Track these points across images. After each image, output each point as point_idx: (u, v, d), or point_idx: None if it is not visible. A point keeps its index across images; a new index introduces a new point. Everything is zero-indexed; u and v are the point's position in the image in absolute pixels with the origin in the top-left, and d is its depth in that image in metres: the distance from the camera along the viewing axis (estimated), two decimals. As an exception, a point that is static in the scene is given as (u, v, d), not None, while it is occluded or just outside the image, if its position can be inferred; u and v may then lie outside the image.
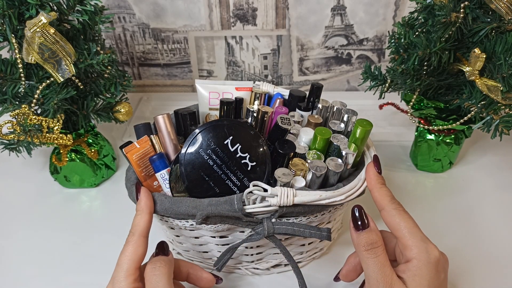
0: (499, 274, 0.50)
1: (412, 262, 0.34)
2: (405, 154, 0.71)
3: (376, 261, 0.34)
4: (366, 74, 0.59)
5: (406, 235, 0.35)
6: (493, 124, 0.53)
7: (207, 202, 0.41)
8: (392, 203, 0.37)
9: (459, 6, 0.50)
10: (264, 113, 0.48)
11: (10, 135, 0.51)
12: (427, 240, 0.35)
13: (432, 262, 0.34)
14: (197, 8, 0.79)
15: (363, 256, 0.35)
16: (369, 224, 0.36)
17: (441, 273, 0.35)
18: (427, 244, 0.35)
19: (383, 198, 0.38)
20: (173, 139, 0.49)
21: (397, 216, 0.36)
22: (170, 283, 0.36)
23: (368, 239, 0.35)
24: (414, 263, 0.34)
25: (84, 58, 0.52)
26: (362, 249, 0.35)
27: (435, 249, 0.35)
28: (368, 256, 0.35)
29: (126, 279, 0.35)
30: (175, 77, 0.90)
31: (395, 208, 0.37)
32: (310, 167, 0.42)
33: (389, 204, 0.37)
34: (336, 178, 0.43)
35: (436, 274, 0.34)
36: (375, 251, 0.35)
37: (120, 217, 0.56)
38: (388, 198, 0.38)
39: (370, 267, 0.34)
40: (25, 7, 0.48)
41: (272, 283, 0.50)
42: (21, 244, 0.56)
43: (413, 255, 0.34)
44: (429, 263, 0.34)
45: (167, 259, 0.38)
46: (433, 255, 0.34)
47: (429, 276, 0.33)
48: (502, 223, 0.57)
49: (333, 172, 0.42)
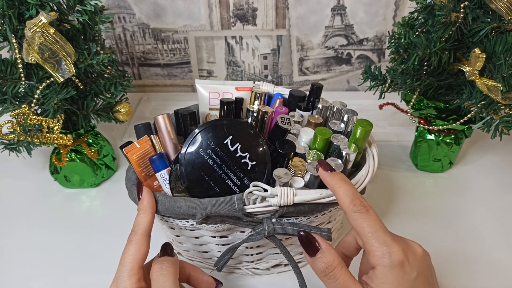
0: (499, 274, 0.50)
1: (377, 269, 0.33)
2: (405, 154, 0.71)
3: (337, 285, 0.33)
4: (366, 74, 0.59)
5: (369, 240, 0.33)
6: (493, 124, 0.53)
7: (207, 202, 0.41)
8: (353, 205, 0.35)
9: (459, 6, 0.50)
10: (264, 113, 0.48)
11: (10, 135, 0.51)
12: (390, 242, 0.33)
13: (396, 265, 0.32)
14: (197, 8, 0.79)
15: (324, 282, 0.34)
16: (320, 245, 0.34)
17: (412, 272, 0.33)
18: (389, 247, 0.33)
19: (342, 200, 0.36)
20: (173, 139, 0.49)
21: (359, 219, 0.34)
22: (176, 284, 0.35)
23: (323, 263, 0.33)
24: (379, 270, 0.33)
25: (84, 58, 0.52)
26: (321, 275, 0.34)
27: (398, 250, 0.33)
28: (328, 282, 0.34)
29: (130, 278, 0.35)
30: (175, 77, 0.90)
31: (357, 210, 0.34)
32: (307, 168, 0.42)
33: (349, 207, 0.35)
34: None
35: (403, 276, 0.32)
36: (333, 274, 0.33)
37: (120, 217, 0.56)
38: (348, 199, 0.35)
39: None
40: (25, 7, 0.48)
41: (272, 283, 0.50)
42: (21, 244, 0.56)
43: (376, 261, 0.33)
44: (393, 267, 0.32)
45: (173, 259, 0.38)
46: (395, 258, 0.32)
47: (396, 281, 0.32)
48: (502, 223, 0.57)
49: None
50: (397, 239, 0.34)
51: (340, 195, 0.36)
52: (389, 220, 0.58)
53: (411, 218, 0.58)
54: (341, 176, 0.37)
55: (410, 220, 0.58)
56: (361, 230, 0.34)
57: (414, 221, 0.58)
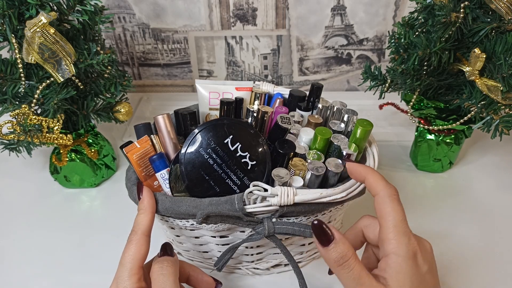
0: (499, 273, 0.50)
1: (390, 258, 0.33)
2: (405, 154, 0.71)
3: (351, 275, 0.32)
4: (366, 74, 0.59)
5: (390, 226, 0.34)
6: (493, 124, 0.53)
7: (207, 202, 0.41)
8: (388, 188, 0.35)
9: (459, 6, 0.50)
10: (264, 113, 0.48)
11: (10, 135, 0.51)
12: (409, 234, 0.34)
13: (411, 257, 0.33)
14: (197, 8, 0.79)
15: (337, 272, 0.33)
16: (334, 235, 0.33)
17: (424, 266, 0.33)
18: (407, 238, 0.33)
19: (377, 183, 0.36)
20: (173, 139, 0.49)
21: (390, 204, 0.34)
22: (176, 283, 0.35)
23: (337, 253, 0.33)
24: (393, 259, 0.33)
25: (84, 58, 0.52)
26: (334, 265, 0.33)
27: (414, 242, 0.33)
28: (342, 272, 0.33)
29: (130, 278, 0.35)
30: (175, 77, 0.90)
31: (390, 195, 0.35)
32: (309, 168, 0.42)
33: (384, 189, 0.35)
34: (336, 179, 0.43)
35: (416, 268, 0.33)
36: (348, 264, 0.32)
37: (120, 217, 0.56)
38: (383, 183, 0.36)
39: (346, 281, 0.33)
40: (25, 7, 0.48)
41: (272, 283, 0.50)
42: (21, 244, 0.56)
43: (391, 249, 0.33)
44: (408, 258, 0.32)
45: (173, 259, 0.38)
46: (411, 249, 0.33)
47: (411, 272, 0.32)
48: (502, 223, 0.57)
49: (333, 173, 0.42)
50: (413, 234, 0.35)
51: (374, 178, 0.36)
52: (389, 220, 0.58)
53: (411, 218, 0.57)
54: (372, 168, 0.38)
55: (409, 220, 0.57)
56: (387, 215, 0.34)
57: (414, 221, 0.57)
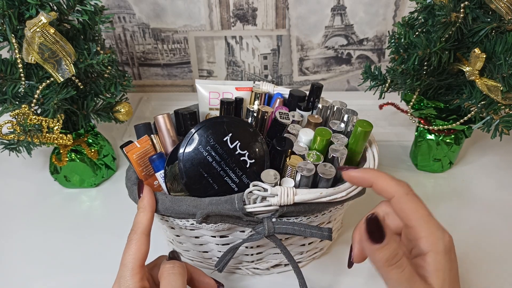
0: (499, 273, 0.50)
1: (429, 256, 0.31)
2: (405, 154, 0.71)
3: (403, 276, 0.30)
4: (366, 74, 0.59)
5: (422, 224, 0.32)
6: (493, 124, 0.53)
7: (207, 201, 0.41)
8: (401, 187, 0.33)
9: (459, 6, 0.50)
10: (264, 113, 0.48)
11: (10, 135, 0.51)
12: (441, 228, 0.32)
13: (448, 251, 0.31)
14: (197, 8, 0.79)
15: (386, 272, 0.30)
16: (386, 232, 0.30)
17: (456, 260, 0.32)
18: (441, 233, 0.32)
19: (389, 185, 0.33)
20: (173, 139, 0.49)
21: (412, 202, 0.32)
22: (185, 285, 0.36)
23: (390, 252, 0.30)
24: (432, 257, 0.31)
25: (84, 58, 0.52)
26: (385, 265, 0.30)
27: (449, 236, 0.32)
28: (393, 272, 0.30)
29: (132, 278, 0.35)
30: (175, 77, 0.90)
31: (407, 193, 0.33)
32: (298, 169, 0.42)
33: (398, 189, 0.33)
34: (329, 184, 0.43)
35: (452, 263, 0.31)
36: (400, 264, 0.30)
37: (120, 217, 0.56)
38: (395, 182, 0.33)
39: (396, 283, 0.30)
40: (25, 7, 0.48)
41: (272, 283, 0.50)
42: (21, 244, 0.56)
43: (429, 246, 0.31)
44: (445, 254, 0.31)
45: (182, 263, 0.38)
46: (447, 244, 0.31)
47: (449, 267, 0.31)
48: (502, 223, 0.57)
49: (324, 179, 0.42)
50: None
51: (383, 181, 0.34)
52: (389, 220, 0.58)
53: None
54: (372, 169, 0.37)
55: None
56: (414, 213, 0.32)
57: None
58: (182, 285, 0.35)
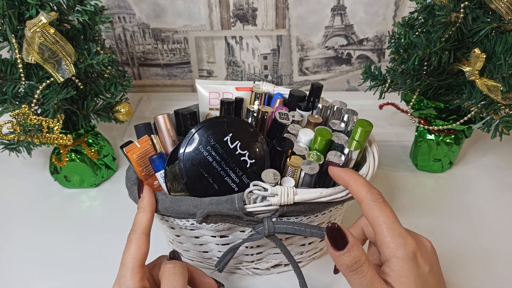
0: (499, 273, 0.50)
1: (391, 262, 0.32)
2: (405, 154, 0.71)
3: (364, 281, 0.31)
4: (366, 74, 0.59)
5: (384, 231, 0.33)
6: (493, 124, 0.53)
7: (207, 201, 0.41)
8: (370, 194, 0.35)
9: (459, 6, 0.50)
10: (264, 113, 0.48)
11: (10, 135, 0.51)
12: (404, 234, 0.33)
13: (411, 257, 0.32)
14: (197, 8, 0.79)
15: (349, 277, 0.32)
16: (348, 239, 0.32)
17: (425, 266, 0.33)
18: (403, 238, 0.32)
19: (359, 190, 0.35)
20: (173, 139, 0.49)
21: (377, 209, 0.34)
22: (185, 285, 0.36)
23: (351, 258, 0.31)
24: (394, 263, 0.32)
25: (84, 58, 0.52)
26: (347, 270, 0.32)
27: (412, 242, 0.33)
28: (354, 277, 0.32)
29: (132, 278, 0.35)
30: (175, 77, 0.90)
31: (374, 200, 0.34)
32: (302, 167, 0.42)
33: (367, 196, 0.35)
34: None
35: (418, 269, 0.32)
36: (361, 270, 0.31)
37: (120, 217, 0.56)
38: (366, 188, 0.35)
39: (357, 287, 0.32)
40: (25, 7, 0.48)
41: (272, 283, 0.50)
42: (21, 244, 0.56)
43: (390, 253, 0.32)
44: (408, 260, 0.32)
45: (183, 263, 0.38)
46: (410, 250, 0.32)
47: (413, 274, 0.32)
48: (502, 223, 0.57)
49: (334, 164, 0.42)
50: (410, 232, 0.34)
51: (356, 185, 0.36)
52: (389, 220, 0.58)
53: (411, 218, 0.58)
54: (353, 170, 0.38)
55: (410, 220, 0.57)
56: (377, 220, 0.33)
57: (414, 221, 0.57)
58: (183, 285, 0.35)
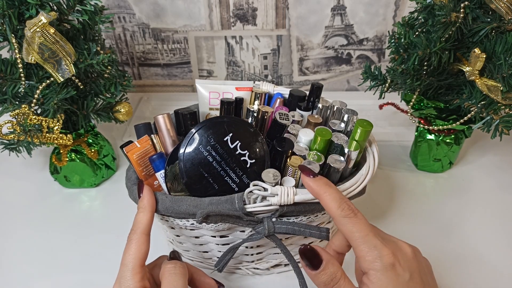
0: (498, 273, 0.50)
1: (370, 274, 0.32)
2: (405, 154, 0.71)
3: None
4: (366, 74, 0.59)
5: (359, 245, 0.33)
6: (493, 124, 0.53)
7: (208, 201, 0.41)
8: (341, 210, 0.34)
9: (459, 6, 0.50)
10: (264, 113, 0.48)
11: (10, 135, 0.51)
12: (380, 245, 0.33)
13: (388, 268, 0.32)
14: (197, 8, 0.79)
15: None
16: (322, 257, 0.33)
17: (405, 274, 0.32)
18: (379, 250, 0.32)
19: (330, 206, 0.35)
20: (173, 139, 0.49)
21: (348, 224, 0.34)
22: (186, 285, 0.36)
23: (327, 276, 0.32)
24: (372, 275, 0.32)
25: (84, 58, 0.52)
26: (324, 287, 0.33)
27: (388, 253, 0.32)
28: None
29: (133, 277, 0.35)
30: (175, 77, 0.90)
31: (345, 215, 0.34)
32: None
33: (337, 212, 0.34)
34: (338, 176, 0.43)
35: (397, 278, 0.32)
36: (338, 285, 0.32)
37: (120, 217, 0.56)
38: (335, 204, 0.34)
39: None
40: (25, 7, 0.48)
41: (272, 283, 0.50)
42: (21, 244, 0.56)
43: (367, 266, 0.32)
44: (385, 271, 0.32)
45: (183, 263, 0.38)
46: (386, 261, 0.32)
47: (392, 284, 0.32)
48: (502, 223, 0.57)
49: (335, 169, 0.42)
50: (386, 241, 0.34)
51: (326, 200, 0.35)
52: (389, 220, 0.58)
53: (411, 218, 0.58)
54: (325, 181, 0.36)
55: (410, 220, 0.58)
56: (350, 235, 0.33)
57: (414, 221, 0.58)
58: (183, 285, 0.35)
